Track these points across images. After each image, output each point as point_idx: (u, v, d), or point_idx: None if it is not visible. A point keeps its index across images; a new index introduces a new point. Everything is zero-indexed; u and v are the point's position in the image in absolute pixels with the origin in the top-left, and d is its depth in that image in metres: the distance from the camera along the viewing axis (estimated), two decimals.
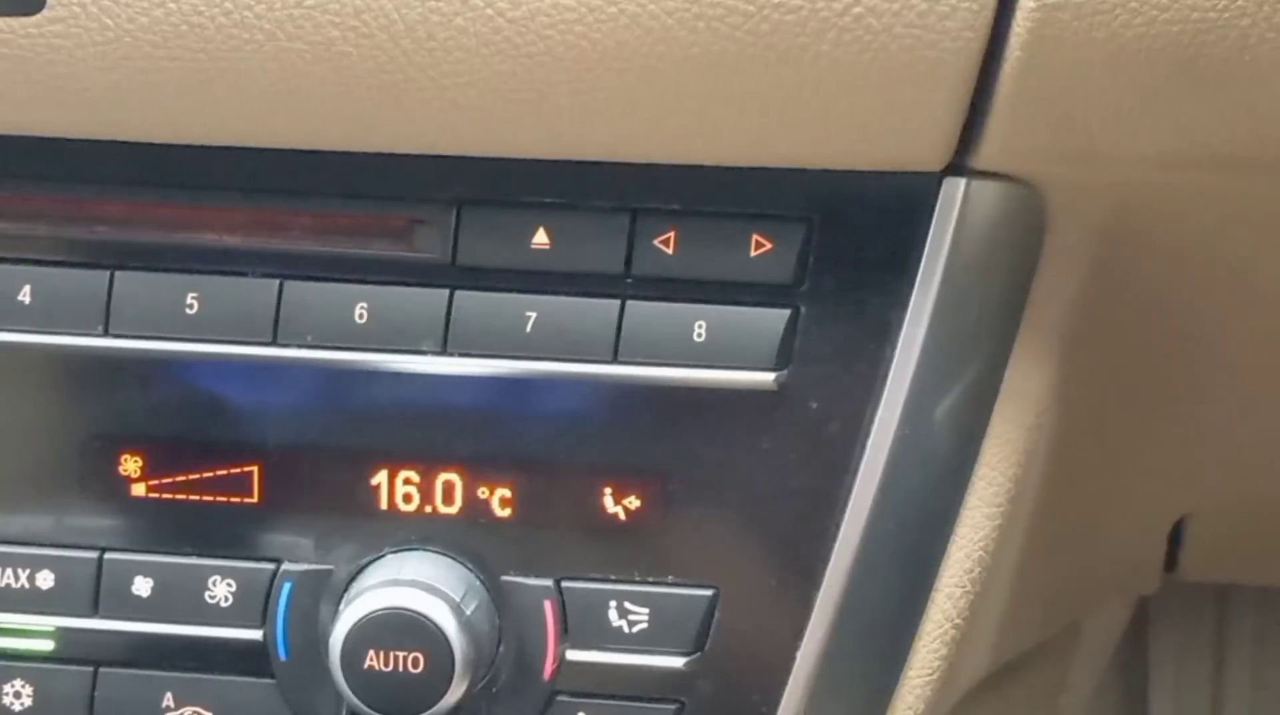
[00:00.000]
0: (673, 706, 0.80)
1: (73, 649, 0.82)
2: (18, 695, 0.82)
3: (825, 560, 0.79)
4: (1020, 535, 0.83)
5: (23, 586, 0.82)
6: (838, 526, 0.79)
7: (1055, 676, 1.14)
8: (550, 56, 0.72)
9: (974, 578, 0.80)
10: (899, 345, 0.78)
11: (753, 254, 0.78)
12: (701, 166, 0.76)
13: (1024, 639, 0.98)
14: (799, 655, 0.79)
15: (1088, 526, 0.95)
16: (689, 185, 0.77)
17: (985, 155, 0.75)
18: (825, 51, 0.71)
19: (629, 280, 0.78)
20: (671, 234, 0.78)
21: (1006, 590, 0.85)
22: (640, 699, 0.80)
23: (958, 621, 0.80)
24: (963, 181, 0.76)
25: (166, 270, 0.80)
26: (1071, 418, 0.84)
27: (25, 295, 0.80)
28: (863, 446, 0.78)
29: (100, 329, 0.80)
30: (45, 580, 0.82)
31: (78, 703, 0.82)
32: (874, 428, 0.78)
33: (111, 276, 0.80)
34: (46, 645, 0.82)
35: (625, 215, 0.78)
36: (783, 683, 0.80)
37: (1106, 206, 0.78)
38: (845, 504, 0.79)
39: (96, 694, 0.82)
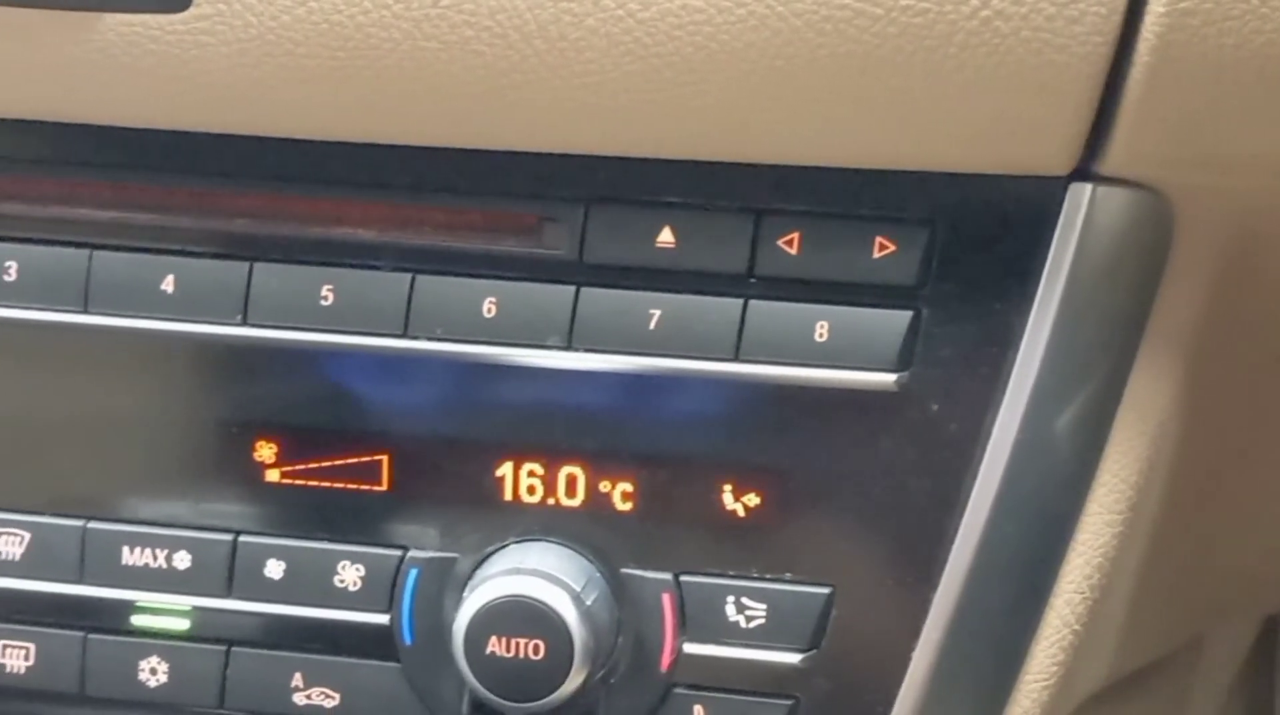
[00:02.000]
0: (788, 702, 0.81)
1: (206, 628, 0.84)
2: (153, 672, 0.85)
3: (943, 562, 0.79)
4: (1141, 544, 0.83)
5: (160, 567, 0.84)
6: (956, 528, 0.79)
7: (1176, 694, 1.13)
8: (679, 57, 0.73)
9: (1093, 584, 0.80)
10: (1021, 350, 0.78)
11: (876, 256, 0.78)
12: (826, 168, 0.77)
13: (1143, 651, 0.97)
14: (915, 655, 0.80)
15: (1210, 539, 0.94)
16: (814, 187, 0.78)
17: (1112, 161, 0.75)
18: (952, 55, 0.72)
19: (752, 280, 0.79)
20: (795, 235, 0.79)
21: (1126, 599, 0.85)
22: (756, 694, 0.81)
23: (1076, 627, 0.80)
24: (1089, 187, 0.76)
25: (303, 263, 0.82)
26: (1195, 428, 0.83)
27: (169, 285, 0.83)
28: (982, 450, 0.79)
29: (239, 319, 0.82)
30: (182, 561, 0.84)
31: (210, 681, 0.84)
32: (994, 431, 0.78)
33: (251, 268, 0.82)
34: (182, 624, 0.84)
35: (750, 216, 0.79)
36: (898, 682, 0.80)
37: (1234, 214, 0.78)
38: (964, 506, 0.79)
39: (228, 673, 0.84)
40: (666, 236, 0.80)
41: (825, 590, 0.80)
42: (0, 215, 0.84)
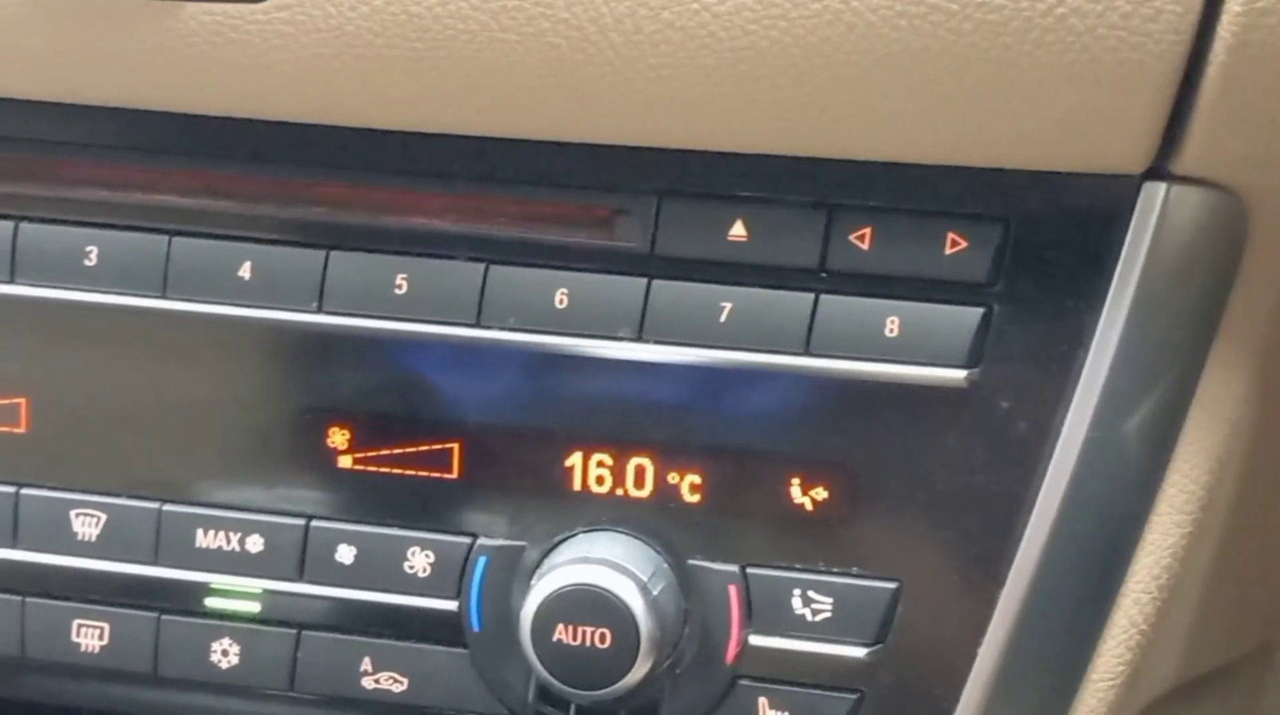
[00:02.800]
0: (853, 696, 0.81)
1: (277, 611, 0.85)
2: (225, 654, 0.86)
3: (1010, 559, 0.79)
4: (1211, 545, 0.83)
5: (233, 550, 0.85)
6: (1024, 526, 0.79)
7: (1245, 699, 1.12)
8: (753, 51, 0.73)
9: (1161, 585, 0.80)
10: (1092, 348, 0.78)
11: (948, 252, 0.79)
12: (899, 164, 0.77)
13: (1212, 654, 0.96)
14: (981, 651, 0.80)
15: None
16: (886, 182, 0.78)
17: (1187, 160, 0.75)
18: (1027, 52, 0.72)
19: (823, 274, 0.80)
20: (867, 230, 0.79)
21: (1194, 600, 0.84)
22: (820, 687, 0.81)
23: (1143, 627, 0.80)
24: (1163, 186, 0.76)
25: (378, 252, 0.83)
26: (1267, 428, 0.83)
27: (246, 272, 0.84)
28: (1052, 448, 0.78)
29: (314, 306, 0.83)
30: (255, 544, 0.85)
31: (281, 663, 0.85)
32: (1064, 430, 0.78)
33: (327, 256, 0.83)
34: (253, 607, 0.85)
35: (822, 210, 0.79)
36: (963, 678, 0.80)
37: None
38: (1032, 504, 0.79)
39: (299, 655, 0.85)
40: (738, 230, 0.80)
41: (892, 585, 0.80)
42: (82, 201, 0.85)
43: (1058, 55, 0.72)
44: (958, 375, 0.79)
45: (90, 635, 0.87)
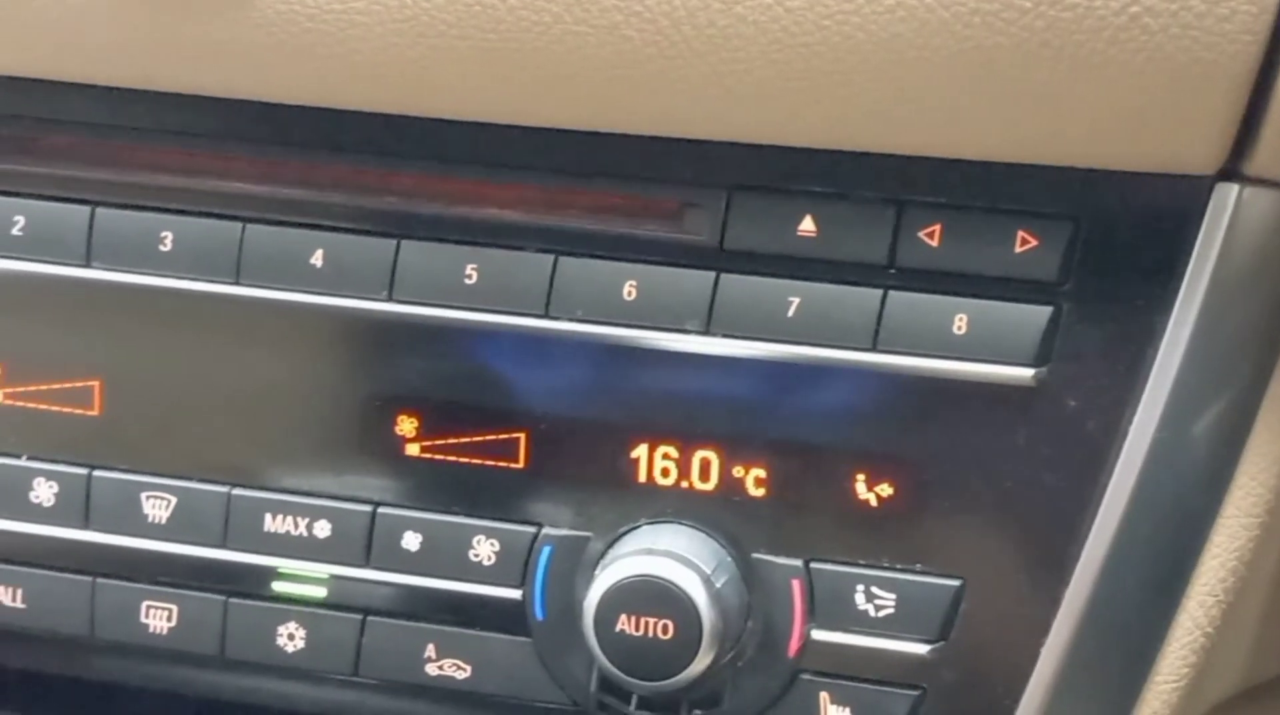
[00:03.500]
0: (915, 692, 0.81)
1: (343, 597, 0.86)
2: (291, 637, 0.87)
3: (1075, 558, 0.79)
4: (1277, 548, 0.82)
5: (301, 535, 0.86)
6: (1089, 526, 0.79)
7: None
8: (826, 46, 0.74)
9: (1227, 587, 0.79)
10: (1161, 349, 0.78)
11: (1017, 250, 0.78)
12: (970, 161, 0.77)
13: (1277, 660, 0.96)
14: (1044, 650, 0.79)
15: None
16: (957, 179, 0.78)
17: (1260, 162, 0.74)
18: (1100, 50, 0.72)
19: (892, 271, 0.80)
20: (937, 227, 0.79)
21: (1260, 604, 0.84)
22: (882, 683, 0.81)
23: (1208, 630, 0.80)
24: (1235, 187, 0.76)
25: (449, 242, 0.83)
26: None
27: (318, 259, 0.84)
28: (1119, 448, 0.78)
29: (385, 295, 0.84)
30: (322, 530, 0.86)
31: (346, 648, 0.86)
32: (1131, 430, 0.78)
33: (398, 245, 0.84)
34: (320, 592, 0.86)
35: (892, 207, 0.79)
36: (1026, 677, 0.80)
37: None
38: (1098, 504, 0.79)
39: (364, 641, 0.86)
40: (808, 225, 0.80)
41: (955, 582, 0.80)
42: (158, 187, 0.86)
43: (1130, 54, 0.71)
44: (1025, 374, 0.79)
45: (159, 617, 0.88)
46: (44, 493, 0.88)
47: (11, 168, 0.87)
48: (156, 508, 0.87)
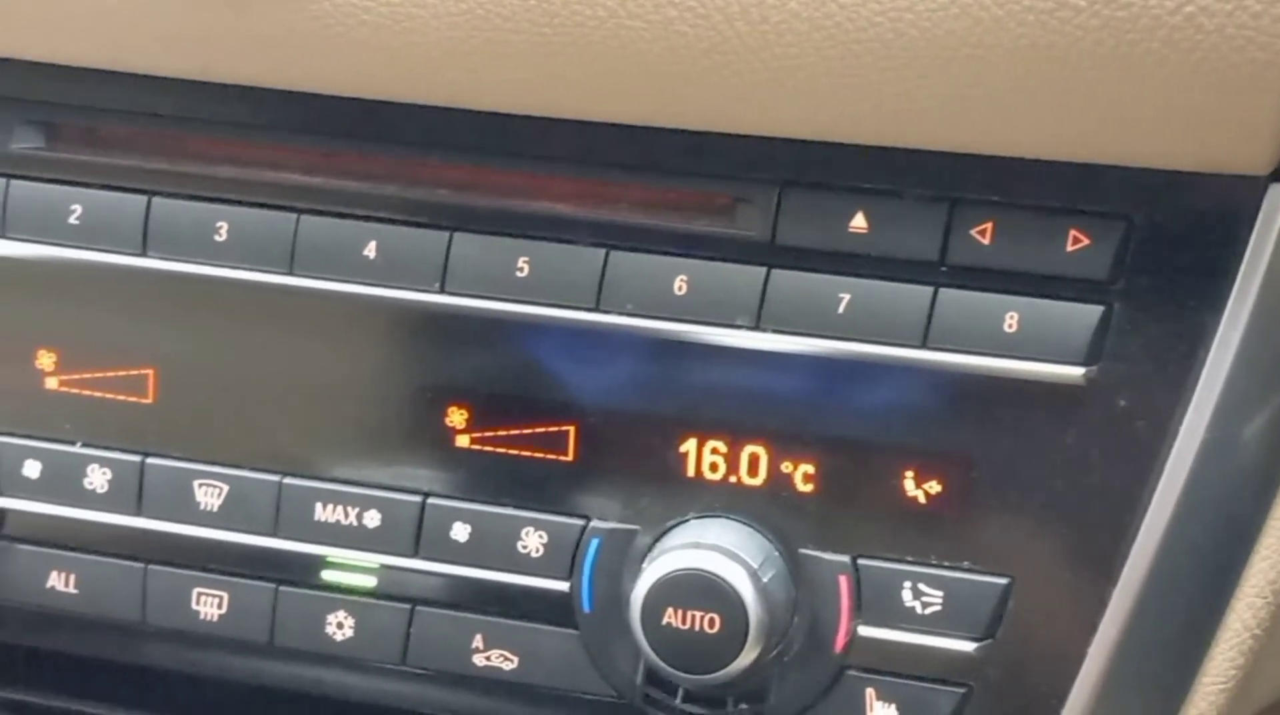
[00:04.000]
0: (960, 690, 0.81)
1: (392, 586, 0.86)
2: (340, 626, 0.87)
3: (1123, 558, 0.79)
4: None
5: (351, 524, 0.86)
6: (1138, 525, 0.78)
7: None
8: (879, 43, 0.74)
9: (1276, 589, 0.79)
10: (1212, 349, 0.77)
11: (1069, 249, 0.78)
12: (1023, 159, 0.77)
13: None
14: (1091, 650, 0.79)
15: None
16: (1009, 177, 0.78)
17: None
18: (1154, 49, 0.71)
19: (943, 268, 0.80)
20: (989, 225, 0.79)
21: None
22: (928, 680, 0.81)
23: (1256, 632, 0.79)
24: None
25: (501, 234, 0.84)
26: None
27: (371, 251, 0.85)
28: (1169, 448, 0.78)
29: (437, 287, 0.84)
30: (372, 520, 0.86)
31: (395, 637, 0.86)
32: (1181, 430, 0.78)
33: (450, 237, 0.84)
34: (369, 581, 0.87)
35: (944, 204, 0.79)
36: (1073, 676, 0.80)
37: None
38: (1147, 504, 0.78)
39: (412, 630, 0.86)
40: (859, 221, 0.80)
41: (1003, 581, 0.80)
42: (214, 177, 0.86)
43: (1185, 54, 0.71)
44: (1076, 372, 0.79)
45: (209, 604, 0.88)
46: (98, 479, 0.89)
47: (70, 157, 0.88)
48: (208, 496, 0.88)
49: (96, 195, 0.88)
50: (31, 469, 0.90)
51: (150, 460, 0.88)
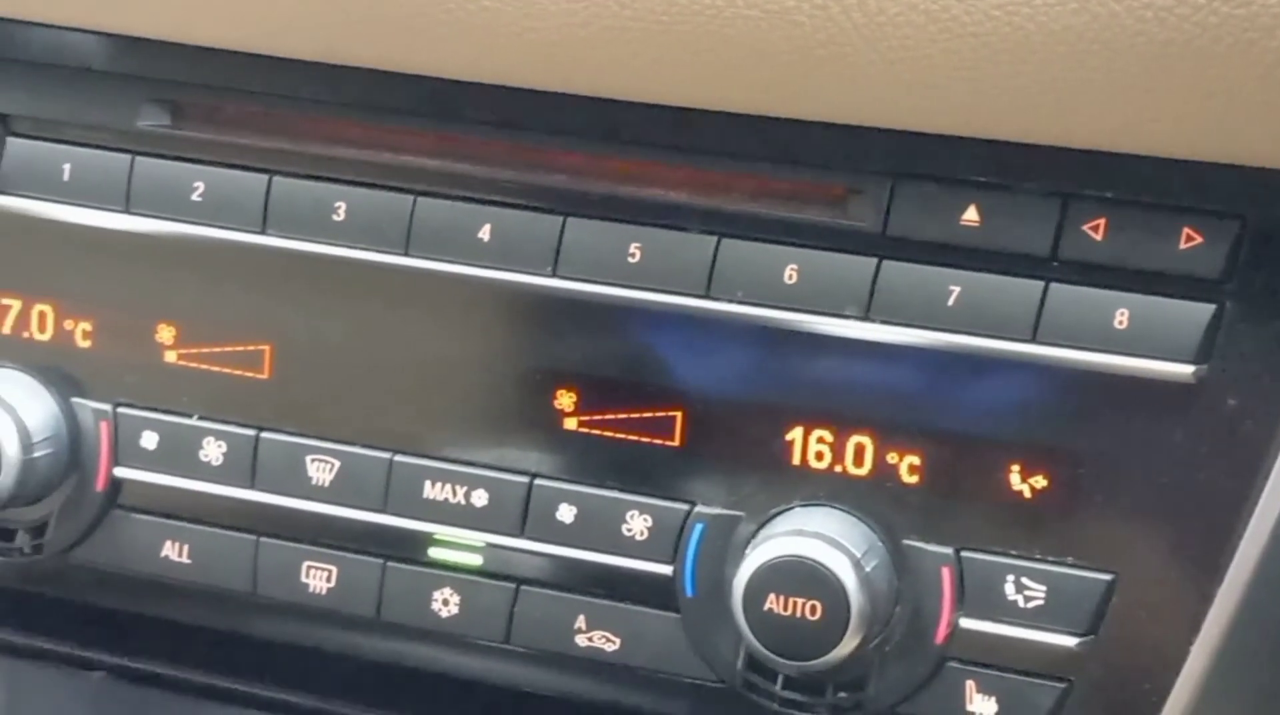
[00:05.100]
0: (1061, 685, 0.81)
1: (498, 565, 0.87)
2: (445, 603, 0.88)
3: (1229, 556, 0.78)
4: None
5: (459, 503, 0.87)
6: (1244, 525, 0.78)
7: None
8: (996, 36, 0.74)
9: None
10: None
11: (1182, 246, 0.78)
12: (1137, 156, 0.76)
13: None
14: (1194, 648, 0.79)
15: None
16: (1123, 174, 0.78)
17: None
18: (1273, 49, 0.71)
19: (1054, 263, 0.79)
20: (1102, 221, 0.79)
21: None
22: (1029, 674, 0.81)
23: None
24: None
25: (614, 220, 0.84)
26: None
27: (485, 233, 0.86)
28: (1277, 448, 0.78)
29: (549, 270, 0.85)
30: (480, 499, 0.87)
31: (499, 616, 0.87)
32: None
33: (564, 222, 0.85)
34: (475, 560, 0.88)
35: (1057, 199, 0.79)
36: (1174, 674, 0.79)
37: None
38: (1254, 503, 0.78)
39: (516, 609, 0.87)
40: (971, 214, 0.80)
41: (1107, 577, 0.80)
42: (332, 158, 0.88)
43: None
44: (1186, 370, 0.78)
45: (319, 577, 0.90)
46: (213, 452, 0.91)
47: (194, 135, 0.90)
48: (320, 471, 0.89)
49: (219, 173, 0.89)
50: (149, 440, 0.91)
51: (265, 434, 0.90)
